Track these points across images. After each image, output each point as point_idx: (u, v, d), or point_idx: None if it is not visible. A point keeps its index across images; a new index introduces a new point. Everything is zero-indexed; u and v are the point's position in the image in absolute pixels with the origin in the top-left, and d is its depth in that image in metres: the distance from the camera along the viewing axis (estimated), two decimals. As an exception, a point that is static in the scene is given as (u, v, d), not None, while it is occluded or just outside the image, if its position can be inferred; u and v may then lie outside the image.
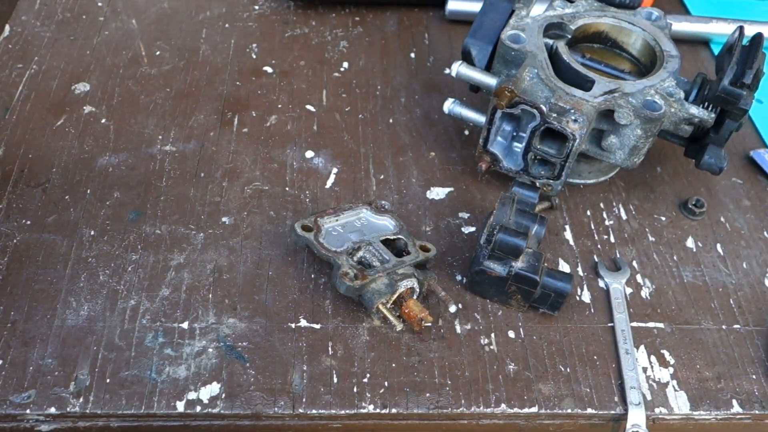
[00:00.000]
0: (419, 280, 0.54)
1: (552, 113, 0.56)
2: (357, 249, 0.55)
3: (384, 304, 0.52)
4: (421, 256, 0.55)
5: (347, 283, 0.52)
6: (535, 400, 0.51)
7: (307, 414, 0.49)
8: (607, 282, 0.58)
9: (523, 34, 0.61)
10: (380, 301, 0.52)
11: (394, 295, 0.52)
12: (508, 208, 0.55)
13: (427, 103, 0.73)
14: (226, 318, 0.54)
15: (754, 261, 0.61)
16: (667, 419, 0.52)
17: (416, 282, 0.53)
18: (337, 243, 0.55)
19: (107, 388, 0.49)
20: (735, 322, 0.57)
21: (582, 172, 0.65)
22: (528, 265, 0.53)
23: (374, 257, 0.54)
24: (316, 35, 0.80)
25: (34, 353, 0.51)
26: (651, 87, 0.58)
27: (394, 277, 0.53)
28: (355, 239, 0.56)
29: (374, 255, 0.54)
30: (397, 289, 0.52)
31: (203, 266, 0.57)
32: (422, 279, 0.54)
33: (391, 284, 0.52)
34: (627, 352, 0.54)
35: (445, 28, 0.83)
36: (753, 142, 0.72)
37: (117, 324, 0.53)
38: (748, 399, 0.52)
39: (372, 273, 0.53)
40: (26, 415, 0.48)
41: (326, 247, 0.54)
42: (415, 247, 0.56)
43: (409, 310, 0.52)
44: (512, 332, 0.55)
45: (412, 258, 0.55)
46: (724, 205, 0.66)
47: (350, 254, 0.54)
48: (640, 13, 0.65)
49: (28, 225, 0.58)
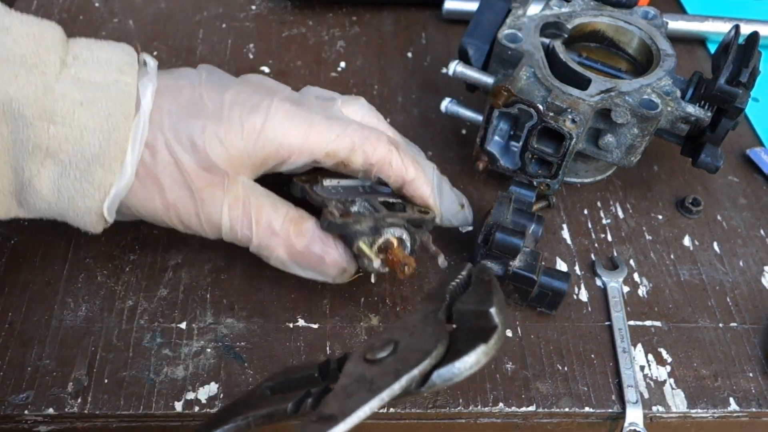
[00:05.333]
0: (410, 232, 0.51)
1: (549, 112, 0.56)
2: (351, 201, 0.52)
3: (366, 242, 0.50)
4: (417, 214, 0.53)
5: (329, 218, 0.49)
6: (532, 399, 0.51)
7: (306, 413, 0.49)
8: (604, 281, 0.59)
9: (520, 33, 0.61)
10: (362, 239, 0.50)
11: (379, 239, 0.50)
12: (505, 207, 0.55)
13: (424, 103, 0.73)
14: (224, 318, 0.54)
15: (750, 259, 0.61)
16: (665, 417, 0.52)
17: (406, 233, 0.51)
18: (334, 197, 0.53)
19: (105, 389, 0.49)
20: (732, 320, 0.57)
21: (579, 171, 0.65)
22: (525, 264, 0.53)
23: (367, 210, 0.52)
24: (313, 35, 0.80)
25: (32, 354, 0.51)
26: (647, 86, 0.58)
27: (381, 222, 0.50)
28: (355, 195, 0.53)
29: (368, 209, 0.52)
30: (383, 234, 0.50)
31: (201, 266, 0.57)
32: (414, 233, 0.51)
33: (377, 228, 0.50)
34: (624, 350, 0.54)
35: (442, 27, 0.83)
36: (749, 140, 0.72)
37: (115, 324, 0.53)
38: (745, 397, 0.52)
39: (359, 203, 0.51)
40: (24, 415, 0.48)
41: (319, 194, 0.52)
42: (413, 209, 0.53)
43: (393, 256, 0.49)
44: (510, 331, 0.55)
45: (407, 214, 0.52)
46: (720, 203, 0.66)
47: (342, 202, 0.51)
48: (637, 12, 0.65)
49: (26, 225, 0.58)
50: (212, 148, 0.48)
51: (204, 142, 0.47)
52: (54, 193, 0.47)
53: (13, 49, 0.43)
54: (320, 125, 0.50)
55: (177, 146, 0.47)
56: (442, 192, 0.56)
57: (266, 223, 0.49)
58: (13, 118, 0.44)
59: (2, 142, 0.44)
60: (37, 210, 0.48)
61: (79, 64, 0.46)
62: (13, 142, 0.44)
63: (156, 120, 0.47)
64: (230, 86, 0.50)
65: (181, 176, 0.48)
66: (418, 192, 0.53)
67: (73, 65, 0.46)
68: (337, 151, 0.50)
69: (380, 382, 0.35)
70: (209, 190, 0.48)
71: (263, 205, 0.50)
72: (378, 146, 0.51)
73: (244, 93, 0.50)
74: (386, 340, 0.38)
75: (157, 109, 0.47)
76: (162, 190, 0.48)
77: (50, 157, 0.45)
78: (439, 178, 0.56)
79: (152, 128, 0.47)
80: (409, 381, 0.35)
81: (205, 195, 0.48)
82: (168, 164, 0.47)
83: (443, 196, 0.56)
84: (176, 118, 0.47)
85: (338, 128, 0.51)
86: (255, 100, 0.49)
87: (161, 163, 0.47)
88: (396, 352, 0.37)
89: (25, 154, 0.45)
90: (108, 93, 0.46)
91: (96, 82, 0.46)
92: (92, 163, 0.46)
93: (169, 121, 0.47)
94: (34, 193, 0.46)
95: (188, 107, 0.48)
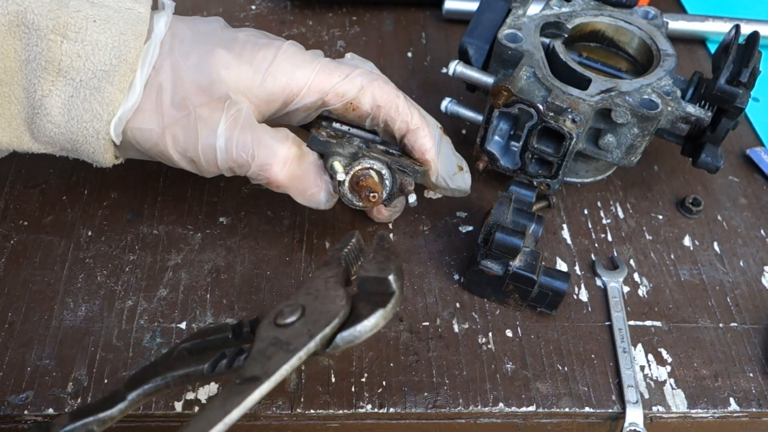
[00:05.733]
0: (392, 171, 0.52)
1: (549, 112, 0.56)
2: (350, 137, 0.53)
3: (340, 162, 0.51)
4: (407, 161, 0.53)
5: (313, 133, 0.51)
6: (532, 399, 0.51)
7: (305, 414, 0.49)
8: (604, 281, 0.59)
9: (520, 33, 0.61)
10: (338, 159, 0.51)
11: (355, 165, 0.51)
12: (505, 207, 0.55)
13: (424, 103, 0.72)
14: (224, 318, 0.54)
15: (750, 259, 0.61)
16: (665, 417, 0.52)
17: (385, 168, 0.52)
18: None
19: (105, 389, 0.49)
20: (732, 320, 0.57)
21: (579, 171, 0.65)
22: (525, 264, 0.53)
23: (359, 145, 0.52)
24: (313, 35, 0.80)
25: (31, 354, 0.51)
26: (648, 86, 0.58)
27: (363, 152, 0.51)
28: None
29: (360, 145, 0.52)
30: (360, 162, 0.51)
31: (201, 266, 0.57)
32: (397, 174, 0.52)
33: (356, 154, 0.51)
34: (624, 350, 0.54)
35: (442, 27, 0.83)
36: (749, 140, 0.72)
37: (115, 324, 0.53)
38: (746, 397, 0.52)
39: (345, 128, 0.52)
40: (24, 415, 0.48)
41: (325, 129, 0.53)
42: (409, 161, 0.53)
43: (363, 183, 0.51)
44: (510, 331, 0.55)
45: (394, 157, 0.53)
46: (720, 203, 0.66)
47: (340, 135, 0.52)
48: (637, 12, 0.65)
49: (26, 225, 0.58)
50: (217, 70, 0.48)
51: (210, 64, 0.48)
52: (64, 114, 0.47)
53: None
54: (329, 66, 0.51)
55: (183, 65, 0.48)
56: (441, 150, 0.55)
57: (268, 144, 0.49)
58: (27, 29, 0.45)
59: (15, 60, 0.45)
60: (48, 137, 0.48)
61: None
62: (26, 58, 0.45)
63: (167, 44, 0.48)
64: (241, 32, 0.52)
65: (180, 95, 0.48)
66: (419, 143, 0.54)
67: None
68: (346, 91, 0.51)
69: (296, 342, 0.39)
70: (208, 109, 0.48)
71: (264, 128, 0.50)
72: (385, 88, 0.52)
73: (257, 34, 0.52)
74: (294, 305, 0.41)
75: (170, 36, 0.49)
76: (161, 109, 0.48)
77: (62, 75, 0.46)
78: (441, 137, 0.56)
79: (162, 52, 0.48)
80: (322, 339, 0.39)
81: (203, 112, 0.48)
82: (169, 83, 0.48)
83: (442, 154, 0.55)
84: (188, 44, 0.49)
85: (347, 69, 0.52)
86: (267, 40, 0.51)
87: (164, 82, 0.48)
88: (305, 315, 0.40)
89: (37, 71, 0.46)
90: (121, 14, 0.47)
91: (109, 5, 0.47)
92: (102, 80, 0.46)
93: (180, 47, 0.48)
94: (45, 116, 0.47)
95: (202, 35, 0.49)
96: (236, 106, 0.49)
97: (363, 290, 0.42)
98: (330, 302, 0.41)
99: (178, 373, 0.41)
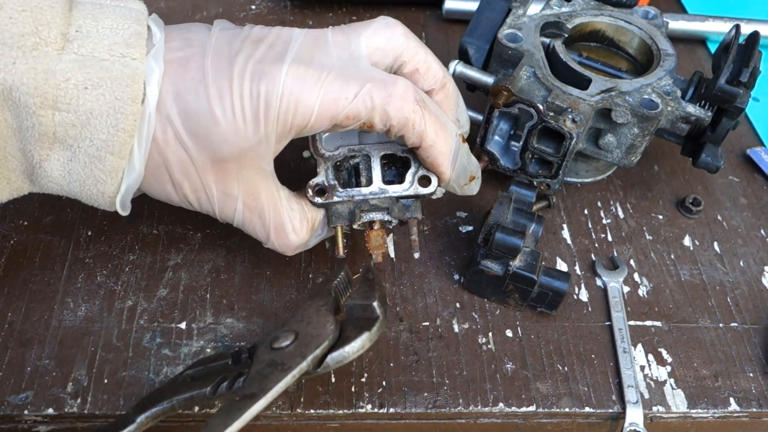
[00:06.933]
0: (392, 215, 0.51)
1: (549, 112, 0.56)
2: (351, 156, 0.51)
3: (342, 228, 0.51)
4: (412, 189, 0.51)
5: (309, 196, 0.50)
6: (532, 399, 0.51)
7: (305, 414, 0.49)
8: (604, 281, 0.58)
9: (520, 33, 0.61)
10: (340, 224, 0.51)
11: (353, 225, 0.51)
12: (505, 207, 0.55)
13: (424, 103, 0.73)
14: (224, 318, 0.54)
15: (751, 259, 0.61)
16: (665, 417, 0.52)
17: (387, 214, 0.51)
18: (340, 141, 0.52)
19: (105, 389, 0.49)
20: (732, 320, 0.57)
21: (579, 171, 0.65)
22: (526, 264, 0.53)
23: (365, 171, 0.51)
24: (313, 35, 0.80)
25: (31, 354, 0.51)
26: (648, 85, 0.58)
27: (361, 207, 0.50)
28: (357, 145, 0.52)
29: (366, 169, 0.51)
30: (361, 217, 0.51)
31: (201, 266, 0.57)
32: (398, 215, 0.51)
33: (353, 213, 0.50)
34: (624, 350, 0.54)
35: (442, 27, 0.83)
36: (750, 140, 0.72)
37: (114, 324, 0.53)
38: (746, 397, 0.52)
39: (341, 195, 0.50)
40: (24, 416, 0.48)
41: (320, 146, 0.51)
42: (414, 177, 0.51)
43: (368, 239, 0.51)
44: (510, 331, 0.55)
45: (401, 190, 0.51)
46: (721, 203, 0.66)
47: (339, 162, 0.51)
48: (637, 12, 0.65)
49: (26, 225, 0.58)
50: (220, 144, 0.46)
51: (212, 136, 0.45)
52: (65, 176, 0.46)
53: (10, 29, 0.41)
54: (334, 85, 0.46)
55: (187, 139, 0.46)
56: (457, 160, 0.52)
57: (279, 225, 0.50)
58: (15, 106, 0.42)
59: (7, 128, 0.43)
60: (50, 189, 0.47)
61: (82, 37, 0.43)
62: (18, 128, 0.43)
63: (163, 106, 0.45)
64: (241, 51, 0.46)
65: (193, 169, 0.47)
66: (430, 159, 0.50)
67: (75, 39, 0.43)
68: (358, 113, 0.46)
69: (290, 362, 0.43)
70: (221, 183, 0.48)
71: (279, 207, 0.49)
72: (402, 106, 0.47)
73: (253, 59, 0.46)
74: (288, 331, 0.45)
75: (164, 92, 0.45)
76: (174, 182, 0.47)
77: (58, 142, 0.44)
78: (459, 145, 0.52)
79: (160, 118, 0.45)
80: (313, 360, 0.43)
81: (216, 189, 0.48)
82: (178, 160, 0.46)
83: (457, 166, 0.52)
84: (184, 104, 0.45)
85: (355, 86, 0.46)
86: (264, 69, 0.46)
87: (171, 158, 0.46)
88: (298, 339, 0.44)
89: (31, 140, 0.44)
90: (113, 73, 0.43)
91: (101, 58, 0.43)
92: (101, 149, 0.44)
93: (177, 108, 0.45)
94: (45, 176, 0.46)
95: (196, 88, 0.45)
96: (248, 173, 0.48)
97: (350, 316, 0.46)
98: (321, 327, 0.45)
99: (183, 396, 0.44)
